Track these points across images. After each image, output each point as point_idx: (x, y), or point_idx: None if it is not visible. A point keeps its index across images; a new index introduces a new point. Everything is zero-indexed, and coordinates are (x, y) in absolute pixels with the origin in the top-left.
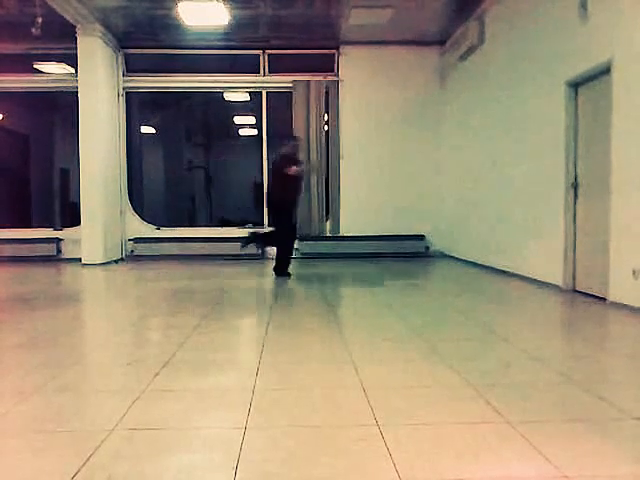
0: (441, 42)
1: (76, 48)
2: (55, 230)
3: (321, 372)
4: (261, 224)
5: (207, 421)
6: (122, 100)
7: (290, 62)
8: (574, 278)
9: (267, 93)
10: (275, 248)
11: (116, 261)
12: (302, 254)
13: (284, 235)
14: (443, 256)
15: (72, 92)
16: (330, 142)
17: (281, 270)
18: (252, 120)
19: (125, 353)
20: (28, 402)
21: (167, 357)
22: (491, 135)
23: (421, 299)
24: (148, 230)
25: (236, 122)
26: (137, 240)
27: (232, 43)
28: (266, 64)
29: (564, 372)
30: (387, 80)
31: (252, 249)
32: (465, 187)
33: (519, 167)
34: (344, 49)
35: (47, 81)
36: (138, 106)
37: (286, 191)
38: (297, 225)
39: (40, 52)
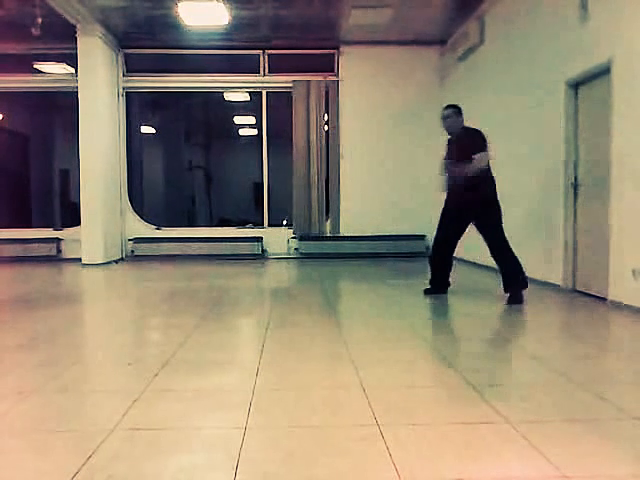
0: (441, 42)
1: (76, 48)
2: (55, 230)
3: (321, 372)
4: (261, 224)
5: (207, 421)
6: (122, 100)
7: (290, 62)
8: (574, 278)
9: (267, 93)
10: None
11: (116, 261)
12: (302, 254)
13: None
14: None
15: (72, 92)
16: (330, 142)
17: (517, 291)
18: (252, 120)
19: (125, 353)
20: (28, 402)
21: (167, 357)
22: (491, 135)
23: (421, 299)
24: (148, 230)
25: (236, 122)
26: (137, 240)
27: (232, 43)
28: (266, 64)
29: (564, 372)
30: (387, 80)
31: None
32: None
33: (519, 167)
34: (344, 49)
35: (47, 81)
36: (138, 106)
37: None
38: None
39: (40, 52)
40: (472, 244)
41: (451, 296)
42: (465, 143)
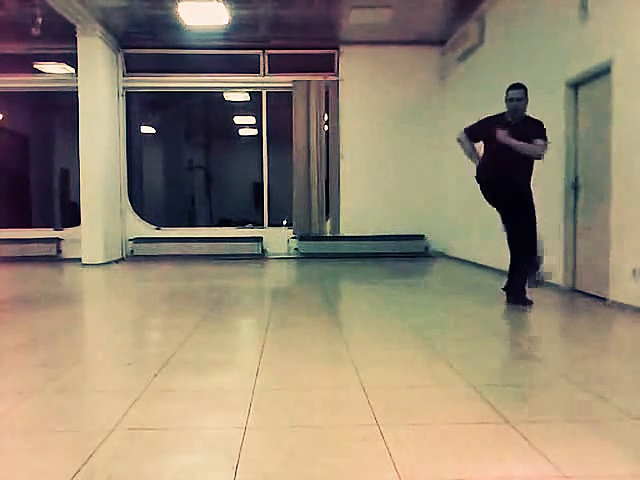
0: (441, 42)
1: (76, 48)
2: (55, 230)
3: (321, 372)
4: (261, 224)
5: (207, 421)
6: (122, 100)
7: (290, 62)
8: (574, 278)
9: (267, 93)
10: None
11: (116, 261)
12: (302, 254)
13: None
14: (443, 256)
15: (72, 92)
16: (330, 142)
17: (519, 290)
18: (252, 120)
19: (125, 353)
20: (28, 402)
21: (167, 357)
22: None
23: (421, 299)
24: (148, 230)
25: (236, 122)
26: (137, 240)
27: (232, 43)
28: (266, 64)
29: (564, 372)
30: (387, 80)
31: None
32: (465, 187)
33: None
34: (344, 49)
35: (47, 81)
36: (138, 106)
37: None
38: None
39: (40, 52)
40: (474, 244)
41: (451, 296)
42: (527, 130)
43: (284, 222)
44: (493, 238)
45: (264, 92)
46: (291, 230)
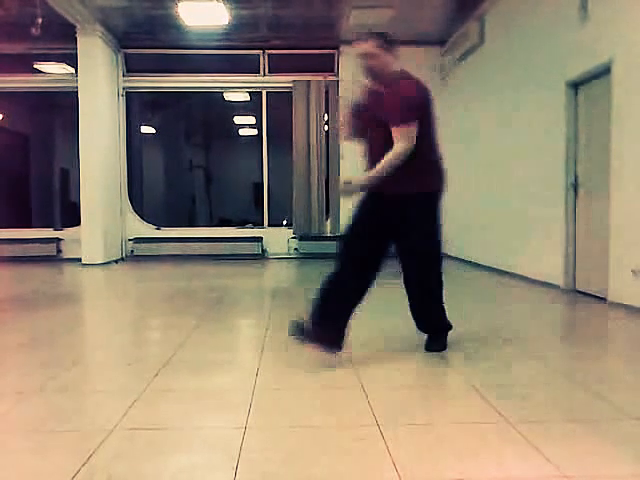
0: (441, 42)
1: (76, 48)
2: (55, 230)
3: (321, 372)
4: (261, 224)
5: (207, 421)
6: (122, 100)
7: (290, 62)
8: (574, 278)
9: (267, 93)
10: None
11: (116, 261)
12: (302, 254)
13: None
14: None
15: (72, 92)
16: (330, 142)
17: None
18: (252, 120)
19: (125, 353)
20: (28, 402)
21: (167, 357)
22: (491, 135)
23: None
24: (148, 230)
25: (236, 122)
26: (137, 240)
27: (232, 43)
28: (266, 64)
29: (564, 372)
30: None
31: None
32: (465, 187)
33: (519, 167)
34: (344, 49)
35: (47, 81)
36: (138, 106)
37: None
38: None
39: (40, 52)
40: (473, 244)
41: (450, 297)
42: (381, 106)
43: (284, 222)
44: (492, 238)
45: (264, 92)
46: (291, 230)
